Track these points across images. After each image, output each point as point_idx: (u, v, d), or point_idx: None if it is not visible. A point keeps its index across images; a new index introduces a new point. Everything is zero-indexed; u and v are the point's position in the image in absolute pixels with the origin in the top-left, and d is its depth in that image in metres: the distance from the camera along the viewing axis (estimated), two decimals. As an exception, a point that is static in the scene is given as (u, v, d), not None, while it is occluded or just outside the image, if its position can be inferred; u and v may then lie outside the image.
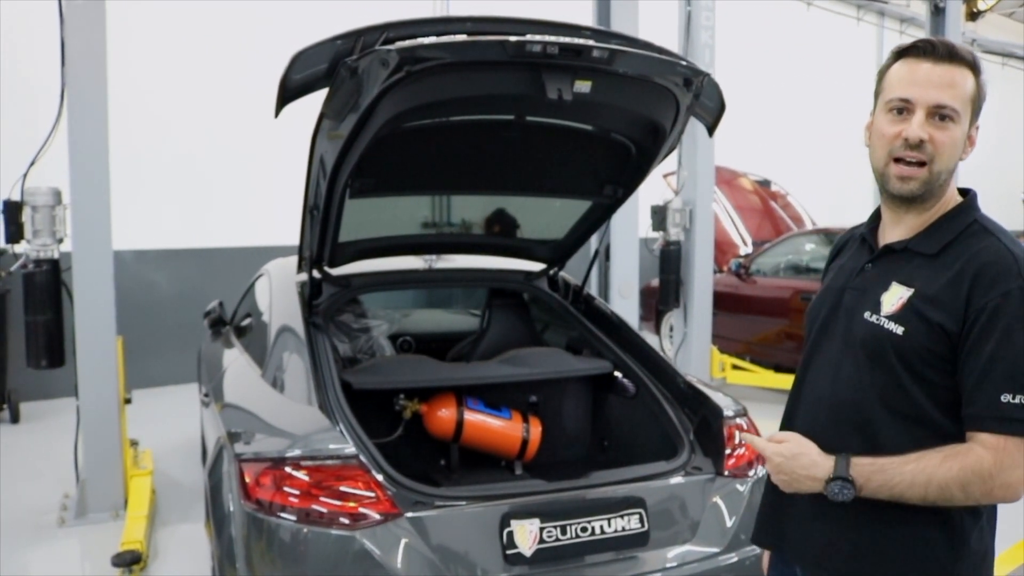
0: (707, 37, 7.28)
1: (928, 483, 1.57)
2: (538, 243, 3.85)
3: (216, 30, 8.50)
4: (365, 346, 3.95)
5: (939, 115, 1.65)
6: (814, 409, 1.80)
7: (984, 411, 1.58)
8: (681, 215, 6.89)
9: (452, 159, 3.19)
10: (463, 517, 2.59)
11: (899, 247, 1.75)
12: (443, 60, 2.47)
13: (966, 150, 1.71)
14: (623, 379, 3.51)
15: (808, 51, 15.11)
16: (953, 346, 1.62)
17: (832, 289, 1.86)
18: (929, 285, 1.65)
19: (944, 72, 1.65)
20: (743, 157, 11.11)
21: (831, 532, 1.75)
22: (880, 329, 1.68)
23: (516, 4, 4.09)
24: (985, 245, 1.65)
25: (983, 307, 1.58)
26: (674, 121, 2.93)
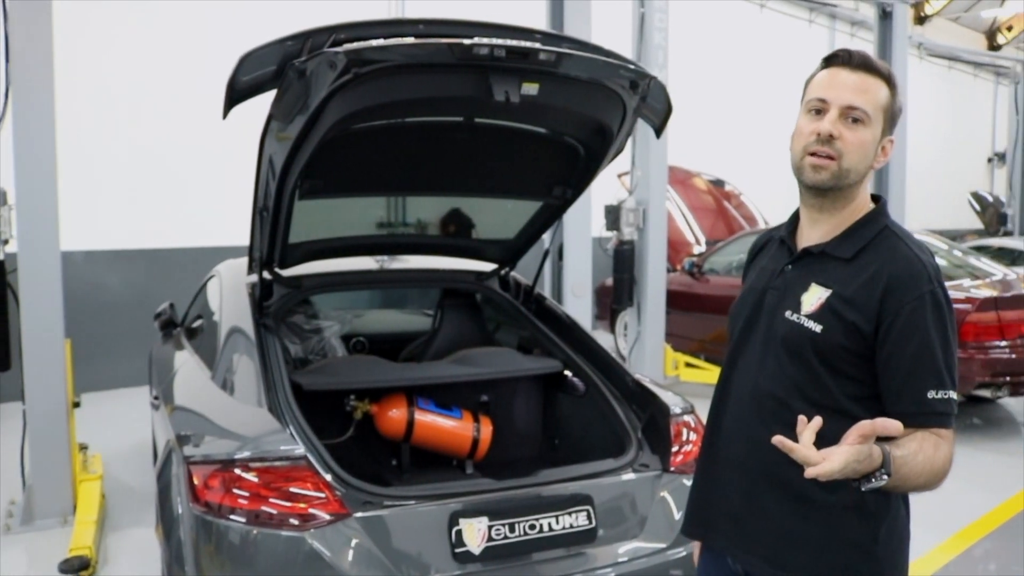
0: (660, 38, 7.36)
1: (929, 472, 1.65)
2: (489, 243, 3.88)
3: (168, 30, 8.40)
4: (317, 347, 3.95)
5: (851, 116, 1.77)
6: (739, 403, 1.90)
7: (914, 408, 1.68)
8: (635, 215, 6.97)
9: (402, 160, 3.20)
10: (412, 516, 2.61)
11: (817, 251, 1.85)
12: (391, 62, 2.49)
13: (878, 159, 1.82)
14: (573, 378, 3.55)
15: (761, 52, 15.31)
16: (866, 344, 1.73)
17: (754, 289, 1.95)
18: (845, 287, 1.76)
19: (859, 79, 1.78)
20: (697, 157, 11.23)
21: (757, 521, 1.84)
22: (800, 327, 1.78)
23: (471, 7, 4.11)
24: (897, 251, 1.77)
25: (898, 310, 1.70)
26: (621, 123, 2.97)
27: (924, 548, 4.49)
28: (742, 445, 1.87)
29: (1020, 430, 7.33)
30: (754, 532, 1.85)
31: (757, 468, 1.83)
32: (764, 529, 1.83)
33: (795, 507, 1.78)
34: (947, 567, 4.35)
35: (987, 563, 4.55)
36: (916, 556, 4.40)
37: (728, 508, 1.89)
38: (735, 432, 1.90)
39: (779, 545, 1.81)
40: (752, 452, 1.84)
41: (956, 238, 12.56)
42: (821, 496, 1.74)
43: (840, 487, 1.65)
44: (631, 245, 7.05)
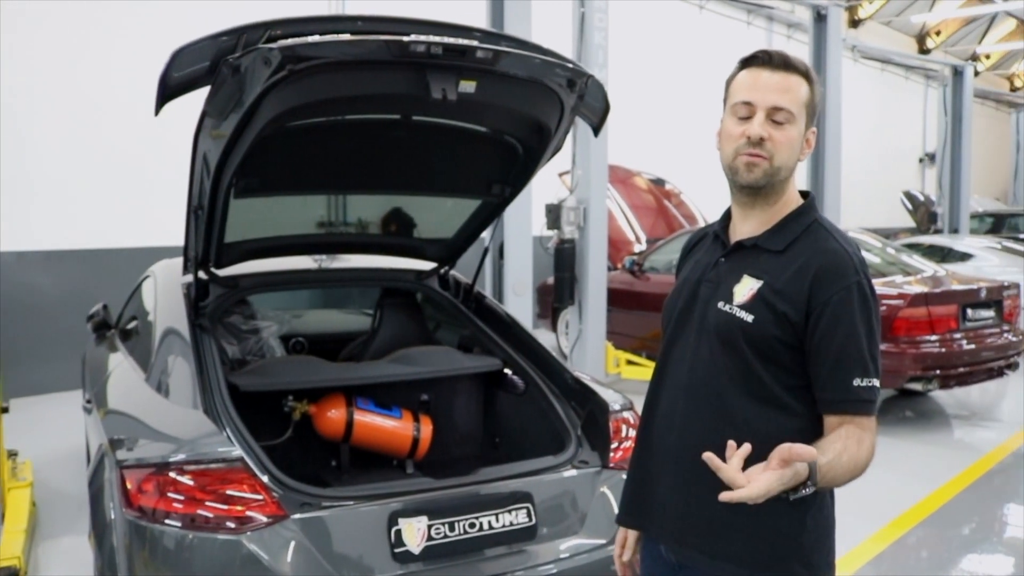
0: (600, 38, 7.40)
1: (854, 469, 1.72)
2: (429, 242, 3.87)
3: (101, 25, 8.22)
4: (254, 348, 3.90)
5: (777, 117, 1.82)
6: (674, 394, 1.93)
7: (840, 395, 1.76)
8: (575, 213, 7.00)
9: (339, 158, 3.18)
10: (351, 517, 2.59)
11: (749, 243, 1.90)
12: (326, 59, 2.47)
13: (804, 151, 1.88)
14: (513, 376, 3.55)
15: (701, 53, 15.50)
16: (796, 334, 1.79)
17: (688, 282, 1.98)
18: (776, 278, 1.81)
19: (780, 79, 1.83)
20: (638, 156, 11.34)
21: (690, 511, 1.87)
22: (732, 317, 1.83)
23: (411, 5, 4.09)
24: (825, 244, 1.83)
25: (826, 301, 1.76)
26: (559, 121, 2.99)
27: (858, 538, 4.59)
28: (676, 436, 1.90)
29: (950, 422, 7.54)
30: (687, 522, 1.88)
31: (689, 458, 1.82)
32: (697, 519, 1.86)
33: (731, 505, 1.73)
34: (881, 555, 4.46)
35: (919, 551, 4.67)
36: (850, 546, 4.52)
37: (662, 498, 1.92)
38: (669, 423, 1.93)
39: (711, 534, 1.84)
40: (685, 443, 1.87)
41: (889, 236, 12.85)
42: None
43: None
44: (572, 244, 7.08)
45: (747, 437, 1.72)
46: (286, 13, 2.65)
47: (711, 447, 1.72)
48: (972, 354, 7.13)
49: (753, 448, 1.69)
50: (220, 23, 2.63)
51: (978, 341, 7.21)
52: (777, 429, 1.77)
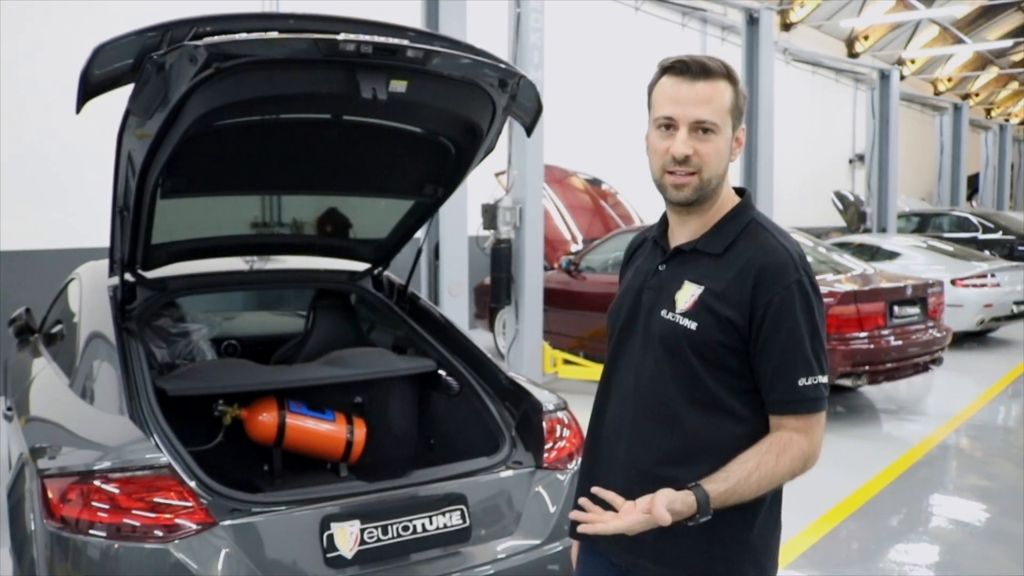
0: (536, 38, 7.42)
1: (770, 482, 1.74)
2: (362, 243, 3.83)
3: (23, 25, 7.99)
4: (184, 351, 3.82)
5: (701, 129, 1.79)
6: (621, 403, 1.91)
7: (786, 396, 1.76)
8: (511, 213, 7.01)
9: (270, 158, 3.14)
10: (282, 522, 2.56)
11: (688, 248, 1.88)
12: (254, 57, 2.43)
13: (734, 152, 1.87)
14: (447, 377, 3.54)
15: (636, 54, 15.62)
16: (742, 338, 1.78)
17: (631, 289, 1.96)
18: (717, 282, 1.80)
19: (701, 90, 1.79)
20: (575, 156, 11.39)
21: None
22: (676, 325, 1.81)
23: (347, 5, 4.04)
24: (764, 244, 1.82)
25: (768, 301, 1.75)
26: (491, 122, 2.98)
27: (792, 530, 4.67)
28: (623, 445, 1.88)
29: (878, 416, 7.73)
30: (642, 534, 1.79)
31: (638, 467, 1.84)
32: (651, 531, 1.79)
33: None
34: (814, 547, 4.55)
35: (850, 543, 4.77)
36: (784, 539, 4.59)
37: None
38: (616, 432, 1.91)
39: (661, 542, 1.81)
40: (632, 451, 1.86)
41: (821, 235, 13.11)
42: None
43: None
44: (508, 244, 7.09)
45: (694, 445, 1.80)
46: (217, 10, 2.60)
47: (659, 456, 1.79)
48: (899, 350, 7.33)
49: (700, 455, 1.77)
50: (150, 20, 2.57)
51: (905, 337, 7.41)
52: (724, 435, 1.79)
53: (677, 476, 1.74)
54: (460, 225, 6.65)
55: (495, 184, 7.76)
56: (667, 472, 1.78)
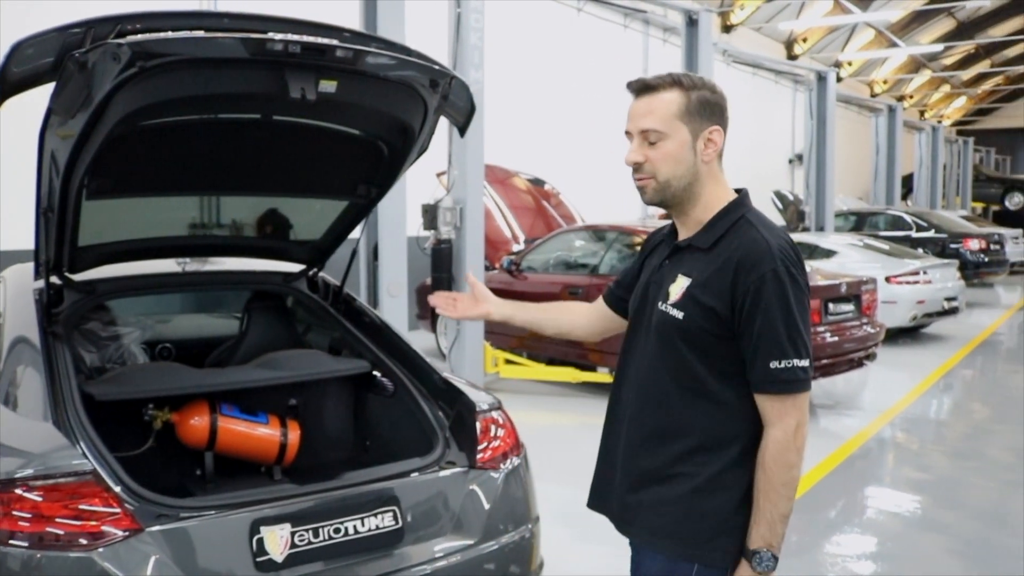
0: (477, 39, 7.41)
1: (779, 489, 1.90)
2: (297, 244, 3.80)
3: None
4: (115, 355, 3.75)
5: (648, 139, 1.98)
6: (628, 388, 2.11)
7: (761, 378, 1.91)
8: (452, 213, 7.00)
9: (199, 159, 3.09)
10: (211, 527, 2.52)
11: (684, 244, 2.06)
12: (179, 56, 2.39)
13: (705, 152, 2.00)
14: (382, 378, 3.53)
15: (579, 55, 15.72)
16: (726, 325, 1.92)
17: (643, 284, 2.16)
18: (702, 274, 1.96)
19: (643, 104, 1.99)
20: (517, 157, 11.42)
21: (636, 496, 2.06)
22: (666, 315, 1.99)
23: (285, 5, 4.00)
24: (747, 237, 1.95)
25: (746, 290, 1.89)
26: (423, 122, 2.98)
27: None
28: (626, 427, 2.08)
29: (815, 411, 7.87)
30: (634, 506, 2.06)
31: (636, 446, 2.05)
32: (639, 500, 2.05)
33: (668, 482, 2.00)
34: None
35: (788, 535, 4.79)
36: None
37: (616, 484, 2.11)
38: (623, 414, 2.11)
39: (653, 516, 2.02)
40: (633, 432, 2.06)
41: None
42: (690, 471, 1.97)
43: (705, 465, 1.95)
44: (449, 244, 7.08)
45: (677, 424, 1.99)
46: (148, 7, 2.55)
47: (646, 432, 2.01)
48: (835, 346, 7.48)
49: (679, 435, 1.98)
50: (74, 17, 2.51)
51: (840, 333, 7.56)
52: (703, 416, 1.97)
53: (669, 454, 1.98)
54: (399, 226, 6.62)
55: (436, 184, 7.74)
56: (660, 450, 1.99)
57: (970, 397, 9.04)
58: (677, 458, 1.98)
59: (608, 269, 7.95)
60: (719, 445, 1.96)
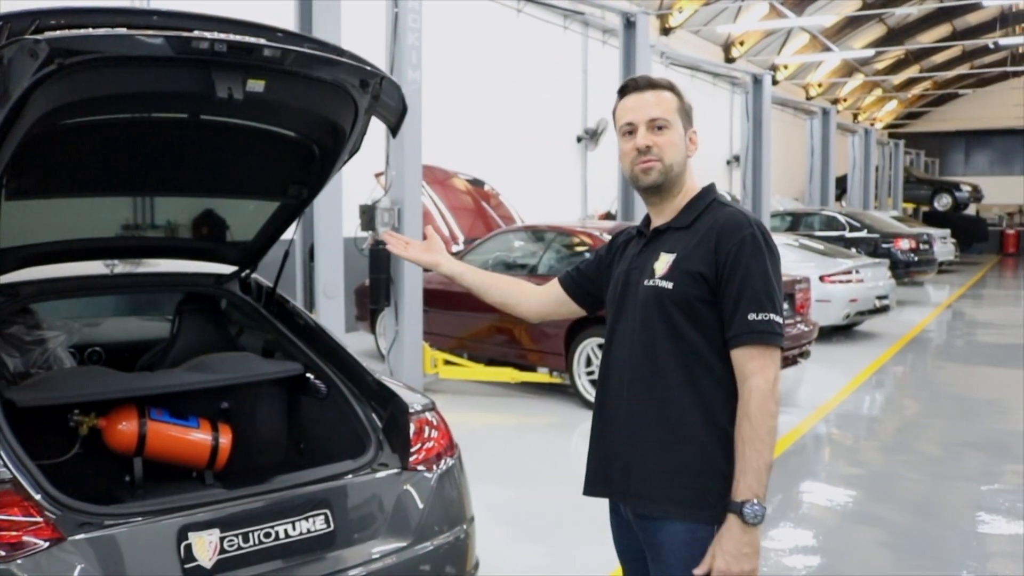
0: (414, 39, 7.39)
1: (764, 437, 2.01)
2: (229, 245, 3.74)
3: None
4: (40, 359, 3.65)
5: (656, 126, 2.18)
6: (619, 367, 2.22)
7: (740, 330, 2.05)
8: (390, 214, 6.97)
9: (125, 159, 3.03)
10: (137, 534, 2.47)
11: (663, 227, 2.24)
12: (100, 54, 2.34)
13: (690, 148, 2.25)
14: (315, 380, 3.49)
15: (520, 56, 15.76)
16: (711, 289, 2.09)
17: (621, 273, 2.30)
18: (686, 247, 2.14)
19: (649, 96, 2.20)
20: (457, 157, 11.41)
21: (644, 466, 2.14)
22: (656, 288, 2.14)
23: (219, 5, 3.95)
24: (723, 211, 2.18)
25: (728, 251, 2.07)
26: (353, 122, 2.96)
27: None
28: (625, 403, 2.18)
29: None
30: (642, 477, 2.14)
31: (639, 418, 2.15)
32: (650, 472, 2.13)
33: (676, 447, 2.11)
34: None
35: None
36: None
37: (621, 461, 2.19)
38: (618, 392, 2.21)
39: (664, 483, 2.11)
40: (634, 405, 2.16)
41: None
42: (696, 437, 2.09)
43: (708, 430, 2.08)
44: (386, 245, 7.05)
45: (686, 399, 2.11)
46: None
47: (652, 405, 2.13)
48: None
49: (692, 408, 2.10)
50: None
51: (774, 332, 7.67)
52: (710, 389, 2.10)
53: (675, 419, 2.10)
54: (335, 226, 6.57)
55: (374, 184, 7.70)
56: (666, 416, 2.11)
57: (901, 393, 9.27)
58: (682, 427, 2.10)
59: (547, 269, 7.98)
60: (718, 409, 2.10)
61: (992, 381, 9.75)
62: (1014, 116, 37.96)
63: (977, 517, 5.13)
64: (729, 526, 2.01)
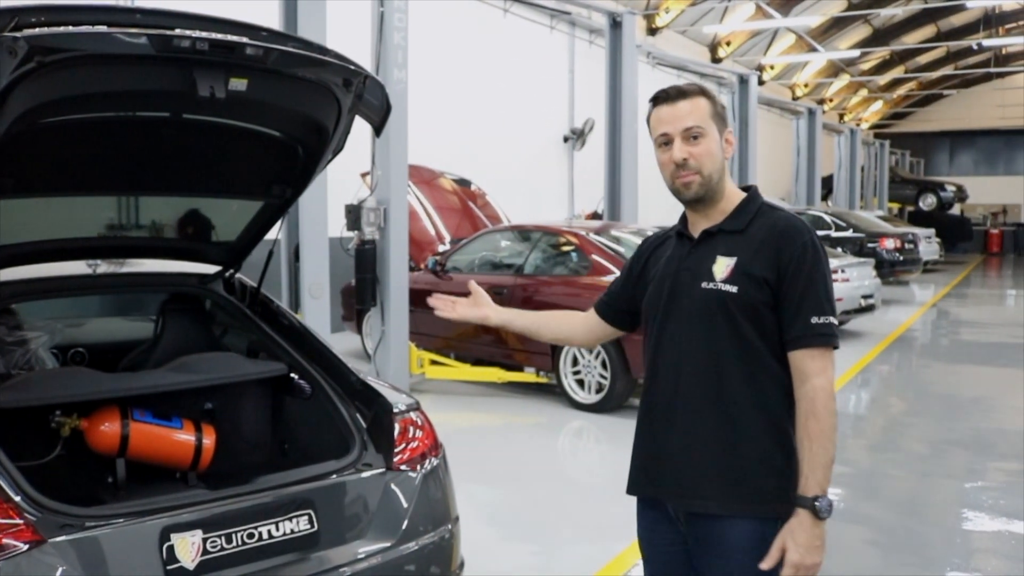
0: (400, 38, 7.39)
1: (829, 435, 2.10)
2: (213, 245, 3.72)
3: None
4: (21, 360, 3.63)
5: (691, 135, 2.19)
6: (673, 370, 2.24)
7: (802, 332, 2.12)
8: (375, 214, 6.96)
9: (106, 158, 3.00)
10: (118, 536, 2.45)
11: (715, 230, 2.26)
12: (81, 52, 2.33)
13: (727, 150, 2.26)
14: (299, 380, 3.48)
15: (507, 56, 15.75)
16: (772, 292, 2.15)
17: (667, 276, 2.30)
18: (747, 252, 2.18)
19: (680, 107, 2.20)
20: (444, 157, 11.40)
21: (699, 467, 2.19)
22: (719, 292, 2.17)
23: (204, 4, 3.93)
24: (778, 218, 2.22)
25: (791, 257, 2.13)
26: (337, 121, 2.95)
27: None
28: (680, 401, 2.21)
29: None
30: (699, 475, 2.18)
31: (697, 418, 2.19)
32: (709, 471, 2.17)
33: (736, 446, 2.16)
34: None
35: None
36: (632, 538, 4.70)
37: (675, 461, 2.23)
38: (672, 394, 2.23)
39: (724, 481, 2.16)
40: (690, 405, 2.20)
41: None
42: (756, 436, 2.16)
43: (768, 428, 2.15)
44: (373, 245, 7.03)
45: (745, 399, 2.16)
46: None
47: (711, 405, 2.17)
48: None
49: (751, 407, 2.15)
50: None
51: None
52: (769, 388, 2.16)
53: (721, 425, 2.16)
54: (320, 226, 6.56)
55: (360, 184, 7.68)
56: (724, 418, 2.15)
57: (887, 391, 9.30)
58: (743, 426, 2.16)
59: (532, 269, 7.98)
60: (775, 407, 2.17)
61: (976, 379, 9.80)
62: (997, 117, 38.22)
63: (961, 514, 5.16)
64: (801, 520, 2.07)
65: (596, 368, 7.21)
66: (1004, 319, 15.28)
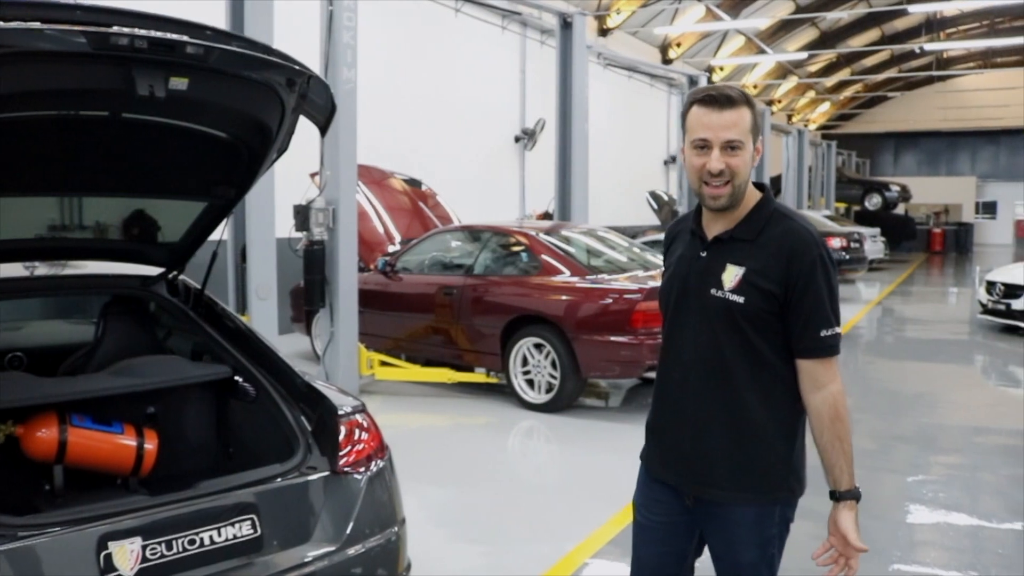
0: (349, 37, 7.32)
1: (848, 435, 2.27)
2: (156, 246, 3.66)
3: None
4: (-44, 365, 3.54)
5: (730, 147, 2.22)
6: (685, 369, 2.36)
7: (811, 344, 2.24)
8: (324, 214, 6.90)
9: (43, 158, 2.94)
10: (53, 545, 2.39)
11: (726, 237, 2.32)
12: (13, 48, 2.27)
13: (755, 159, 2.30)
14: (243, 383, 3.43)
15: (458, 55, 15.73)
16: (780, 304, 2.24)
17: (678, 275, 2.40)
18: (756, 263, 2.25)
19: (727, 116, 2.21)
20: (394, 157, 11.34)
21: (707, 459, 2.33)
22: (726, 301, 2.26)
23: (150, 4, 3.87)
24: (790, 228, 2.27)
25: (799, 272, 2.21)
26: (281, 121, 2.92)
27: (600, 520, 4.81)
28: (692, 400, 2.34)
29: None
30: (709, 467, 2.33)
31: (707, 415, 2.32)
32: (719, 464, 2.32)
33: (745, 443, 2.30)
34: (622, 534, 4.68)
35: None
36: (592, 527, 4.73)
37: (686, 452, 2.37)
38: (683, 389, 2.36)
39: (733, 474, 2.31)
40: (700, 405, 2.33)
41: (636, 234, 13.57)
42: (761, 429, 2.29)
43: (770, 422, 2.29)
44: (322, 245, 6.97)
45: (751, 397, 2.28)
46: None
47: (720, 404, 2.30)
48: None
49: (756, 404, 2.28)
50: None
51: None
52: (772, 387, 2.29)
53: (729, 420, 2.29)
54: (268, 227, 6.48)
55: (309, 185, 7.61)
56: (733, 416, 2.29)
57: (832, 389, 9.42)
58: (751, 425, 2.29)
59: (482, 269, 7.96)
60: (780, 405, 2.30)
61: (919, 376, 10.01)
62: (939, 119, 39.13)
63: (904, 508, 5.26)
64: (847, 509, 2.29)
65: (546, 368, 7.23)
66: (946, 316, 15.62)
